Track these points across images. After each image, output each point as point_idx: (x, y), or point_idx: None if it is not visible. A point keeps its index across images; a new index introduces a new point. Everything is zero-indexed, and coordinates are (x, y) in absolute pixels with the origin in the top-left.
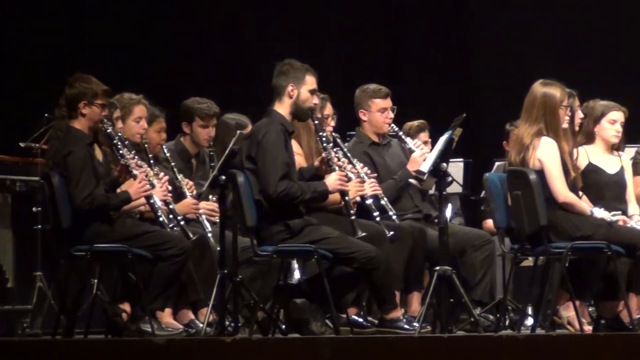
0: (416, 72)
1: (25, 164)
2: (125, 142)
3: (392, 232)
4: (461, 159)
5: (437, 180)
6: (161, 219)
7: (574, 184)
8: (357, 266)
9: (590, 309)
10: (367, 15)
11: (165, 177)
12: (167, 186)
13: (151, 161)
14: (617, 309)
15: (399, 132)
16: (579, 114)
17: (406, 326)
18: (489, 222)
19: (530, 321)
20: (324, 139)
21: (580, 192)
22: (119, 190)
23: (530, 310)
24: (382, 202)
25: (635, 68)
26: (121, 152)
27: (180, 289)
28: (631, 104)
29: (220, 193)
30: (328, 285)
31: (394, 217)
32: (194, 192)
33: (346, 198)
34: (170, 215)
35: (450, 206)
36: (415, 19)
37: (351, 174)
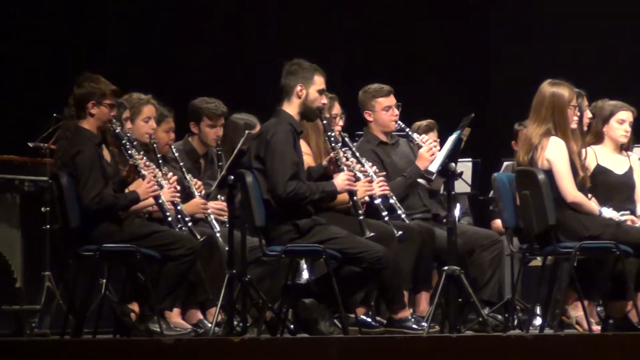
0: (425, 71)
1: (34, 164)
2: (134, 142)
3: (401, 232)
4: (470, 159)
5: (446, 180)
6: (169, 219)
7: (582, 184)
8: (365, 266)
9: (598, 309)
10: (376, 14)
11: (173, 177)
12: (176, 186)
13: (160, 161)
14: (625, 308)
15: (405, 129)
16: (588, 114)
17: (414, 326)
18: (498, 222)
19: (538, 321)
20: (332, 139)
21: (589, 194)
22: (127, 191)
23: (538, 310)
24: (391, 201)
25: None
26: (130, 152)
27: (189, 289)
28: None
29: (229, 193)
30: (336, 285)
31: (403, 216)
32: (203, 192)
33: (354, 198)
34: (178, 216)
35: (458, 206)
36: (425, 18)
37: (360, 173)
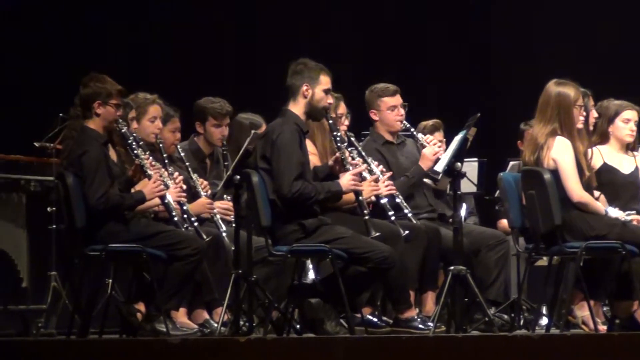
0: (431, 71)
1: (40, 163)
2: (140, 142)
3: (407, 232)
4: (476, 159)
5: (452, 180)
6: (176, 218)
7: (588, 184)
8: (371, 266)
9: (604, 309)
10: (381, 13)
11: (179, 177)
12: (182, 186)
13: (165, 161)
14: (631, 308)
15: (410, 129)
16: (594, 114)
17: (421, 326)
18: (504, 222)
19: (544, 321)
20: (338, 139)
21: (598, 192)
22: (133, 190)
23: (544, 310)
24: (398, 200)
25: None
26: (136, 152)
27: (195, 289)
28: None
29: (235, 193)
30: (342, 285)
31: (409, 215)
32: (209, 191)
33: (360, 198)
34: (185, 216)
35: (464, 206)
36: (432, 17)
37: (366, 173)
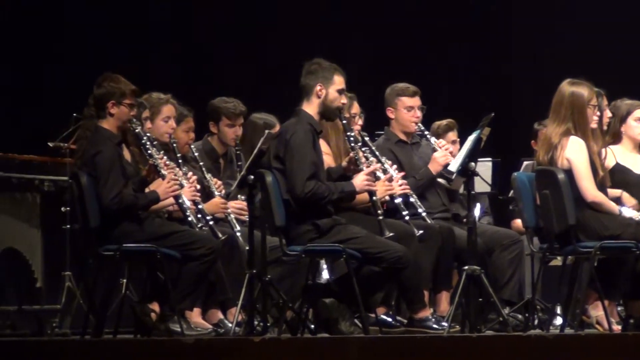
0: (445, 70)
1: (54, 163)
2: (154, 142)
3: (421, 232)
4: (489, 159)
5: (466, 180)
6: (190, 218)
7: (602, 183)
8: (385, 266)
9: (619, 309)
10: (397, 13)
11: (193, 176)
12: (196, 186)
13: (179, 161)
14: None
15: (425, 132)
16: (607, 113)
17: (435, 326)
18: (518, 222)
19: (559, 321)
20: (351, 139)
21: (619, 190)
22: (147, 190)
23: (559, 310)
24: (412, 199)
25: None
26: (150, 152)
27: (209, 289)
28: None
29: (249, 193)
30: (357, 285)
31: (423, 215)
32: (223, 191)
33: (374, 198)
34: (199, 215)
35: (478, 205)
36: (444, 16)
37: (380, 173)
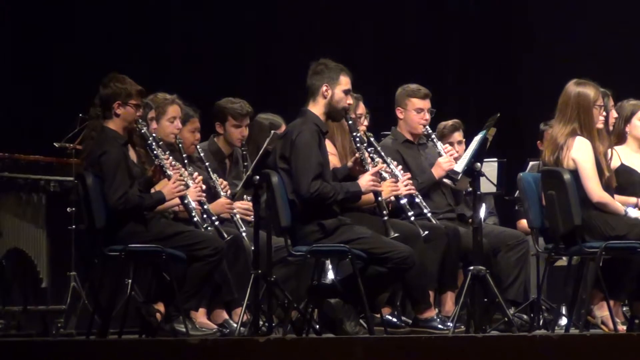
0: (451, 71)
1: (60, 164)
2: (160, 143)
3: (427, 232)
4: (495, 159)
5: (472, 180)
6: (195, 219)
7: (608, 184)
8: (391, 266)
9: (624, 309)
10: (404, 13)
11: (199, 177)
12: (202, 186)
13: (185, 161)
14: None
15: (432, 135)
16: (614, 114)
17: (440, 326)
18: (523, 222)
19: (564, 321)
20: (357, 139)
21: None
22: (153, 191)
23: (564, 310)
24: (417, 200)
25: None
26: (155, 152)
27: (214, 289)
28: None
29: (254, 193)
30: (362, 285)
31: (429, 215)
32: (228, 192)
33: (379, 199)
34: (204, 216)
35: (484, 206)
36: (451, 19)
37: (385, 173)
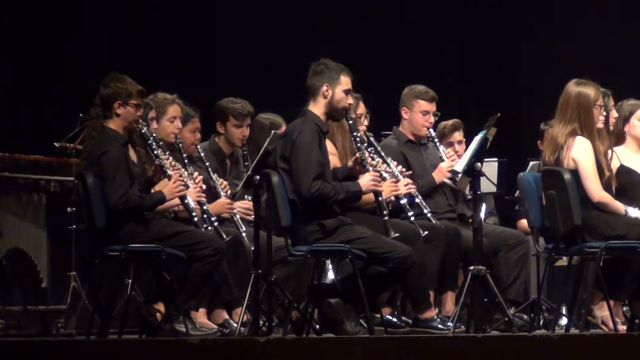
0: (451, 71)
1: (60, 164)
2: (160, 143)
3: (427, 232)
4: (496, 159)
5: (472, 180)
6: (195, 219)
7: (608, 184)
8: (391, 266)
9: (624, 309)
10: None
11: (199, 177)
12: (202, 186)
13: (185, 161)
14: None
15: (435, 138)
16: (614, 114)
17: (440, 326)
18: (524, 222)
19: (564, 321)
20: (357, 139)
21: None
22: (153, 191)
23: (564, 310)
24: (417, 200)
25: None
26: (156, 152)
27: (215, 289)
28: None
29: (255, 193)
30: (362, 285)
31: (429, 215)
32: (229, 192)
33: (379, 199)
34: (204, 216)
35: (484, 206)
36: (452, 18)
37: (385, 173)
